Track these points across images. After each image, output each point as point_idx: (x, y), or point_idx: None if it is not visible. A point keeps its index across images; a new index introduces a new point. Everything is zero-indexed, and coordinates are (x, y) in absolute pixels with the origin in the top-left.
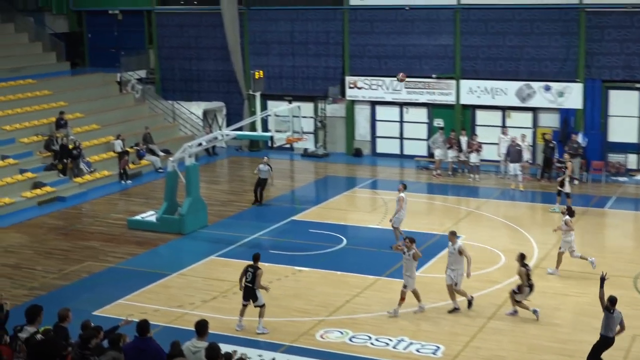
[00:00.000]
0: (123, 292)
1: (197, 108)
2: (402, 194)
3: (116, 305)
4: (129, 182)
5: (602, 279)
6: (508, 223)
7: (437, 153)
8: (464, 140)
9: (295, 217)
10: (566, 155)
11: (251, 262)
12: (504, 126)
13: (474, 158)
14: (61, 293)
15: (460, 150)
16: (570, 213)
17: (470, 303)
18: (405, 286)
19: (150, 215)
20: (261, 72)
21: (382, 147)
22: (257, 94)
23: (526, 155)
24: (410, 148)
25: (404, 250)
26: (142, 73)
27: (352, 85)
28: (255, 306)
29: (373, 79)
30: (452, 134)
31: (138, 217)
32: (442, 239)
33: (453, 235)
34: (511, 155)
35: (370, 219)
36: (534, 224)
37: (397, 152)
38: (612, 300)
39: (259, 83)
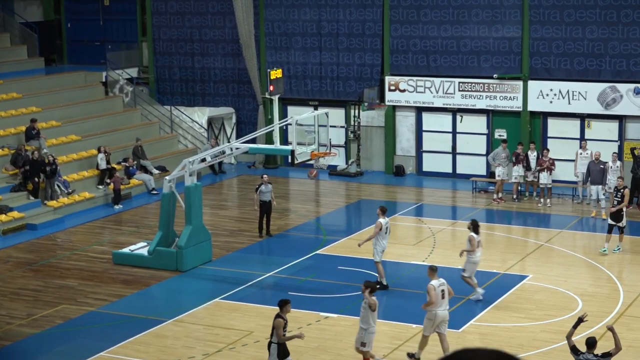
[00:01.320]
0: (106, 343)
1: (200, 115)
2: (380, 220)
3: (98, 359)
4: (119, 206)
5: (580, 320)
6: (587, 260)
7: (499, 172)
8: (532, 156)
9: (320, 251)
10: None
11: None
12: (582, 139)
13: (544, 178)
14: (29, 344)
15: (528, 168)
16: (475, 229)
17: None
18: (363, 344)
19: (141, 248)
20: (280, 70)
21: (430, 164)
22: (275, 98)
23: (612, 177)
24: (466, 166)
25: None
26: (133, 72)
27: (393, 88)
28: None
29: (419, 80)
30: (519, 148)
31: (126, 250)
32: (505, 279)
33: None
34: (592, 176)
35: (414, 254)
36: (620, 261)
37: (449, 170)
38: (589, 343)
39: (277, 84)
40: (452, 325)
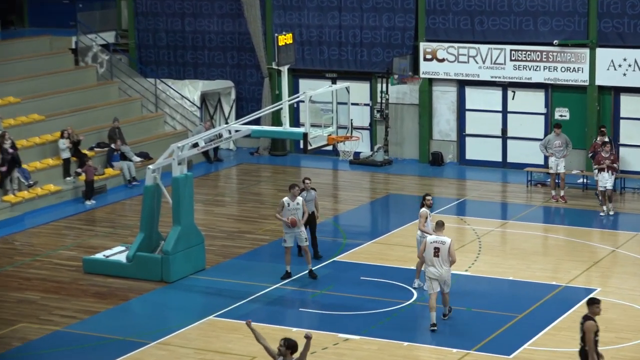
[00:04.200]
0: None
1: (192, 90)
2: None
3: None
4: (91, 202)
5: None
6: None
7: (552, 164)
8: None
9: (339, 258)
10: None
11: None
12: None
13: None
14: None
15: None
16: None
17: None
18: None
19: (118, 253)
20: (290, 35)
21: (475, 151)
22: (284, 69)
23: None
24: (519, 153)
25: None
26: (110, 37)
27: (429, 56)
28: None
29: (461, 47)
30: (600, 138)
31: (99, 256)
32: (567, 293)
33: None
34: None
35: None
36: None
37: (498, 158)
38: None
39: (286, 52)
40: (501, 350)
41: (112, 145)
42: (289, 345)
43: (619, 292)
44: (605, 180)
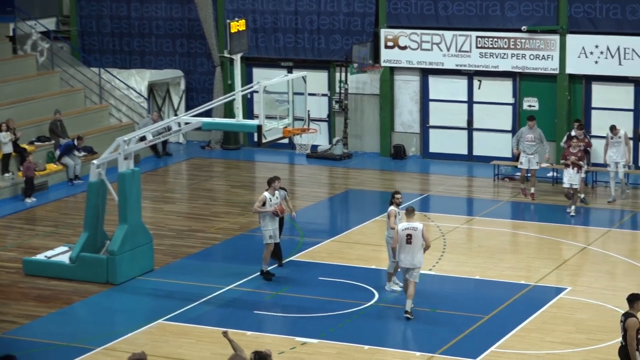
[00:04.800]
0: None
1: (138, 80)
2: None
3: None
4: (31, 200)
5: None
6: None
7: (523, 160)
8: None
9: (296, 257)
10: None
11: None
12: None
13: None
14: None
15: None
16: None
17: None
18: None
19: (60, 254)
20: (243, 21)
21: (439, 143)
22: (237, 58)
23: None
24: (485, 145)
25: None
26: (50, 23)
27: (390, 44)
28: None
29: (425, 33)
30: (576, 130)
31: (41, 257)
32: (536, 292)
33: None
34: None
35: None
36: None
37: (464, 151)
38: None
39: (239, 40)
40: (467, 353)
41: (40, 143)
42: (260, 357)
43: (591, 291)
44: (571, 177)
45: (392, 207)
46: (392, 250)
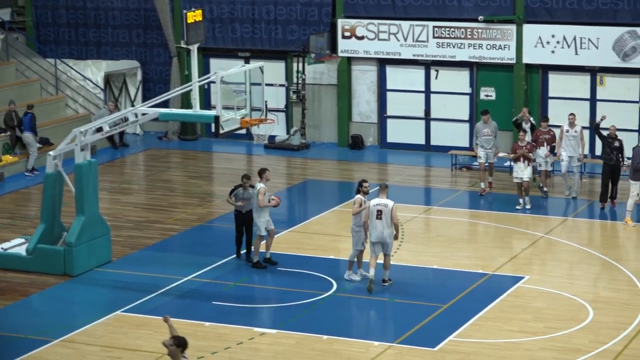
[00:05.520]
0: None
1: (95, 71)
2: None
3: None
4: None
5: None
6: (600, 256)
7: (481, 154)
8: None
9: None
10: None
11: None
12: (593, 99)
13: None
14: None
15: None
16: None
17: None
18: None
19: (17, 246)
20: (199, 12)
21: (397, 133)
22: (194, 48)
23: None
24: (443, 135)
25: None
26: (5, 14)
27: (347, 34)
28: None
29: (382, 23)
30: (525, 115)
31: None
32: (494, 282)
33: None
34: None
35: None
36: None
37: (421, 141)
38: None
39: (196, 30)
40: (425, 342)
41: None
42: (179, 342)
43: (548, 279)
44: (521, 171)
45: (358, 196)
46: (357, 236)
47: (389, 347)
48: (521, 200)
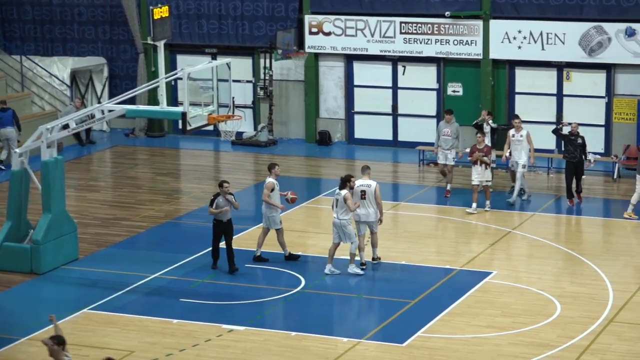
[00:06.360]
0: None
1: (61, 68)
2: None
3: None
4: None
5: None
6: (567, 251)
7: (441, 156)
8: (487, 129)
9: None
10: None
11: None
12: (561, 94)
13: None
14: None
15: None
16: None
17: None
18: None
19: None
20: (166, 8)
21: (364, 129)
22: (160, 45)
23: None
24: (410, 131)
25: None
26: None
27: (315, 30)
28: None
29: (349, 19)
30: (485, 116)
31: None
32: (462, 277)
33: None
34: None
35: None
36: (608, 251)
37: (389, 137)
38: None
39: (162, 26)
40: (394, 338)
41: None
42: (59, 341)
43: (516, 274)
44: (478, 174)
45: (346, 191)
46: (350, 229)
47: (357, 343)
48: (474, 205)
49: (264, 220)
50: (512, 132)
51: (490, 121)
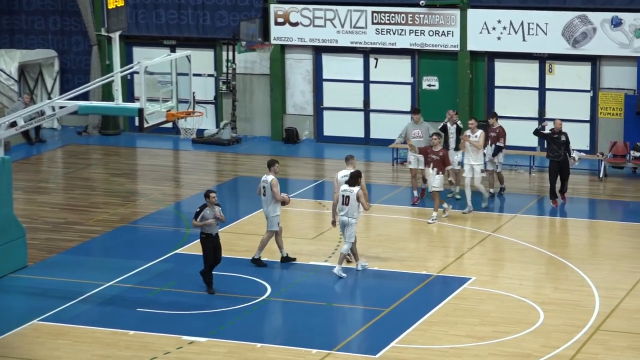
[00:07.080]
0: None
1: (8, 61)
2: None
3: None
4: None
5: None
6: (550, 255)
7: (411, 159)
8: (452, 129)
9: (182, 250)
10: None
11: None
12: (543, 88)
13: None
14: None
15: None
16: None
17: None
18: None
19: None
20: None
21: (334, 126)
22: (115, 36)
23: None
24: (383, 128)
25: None
26: None
27: (280, 20)
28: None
29: (317, 9)
30: (452, 114)
31: None
32: (438, 283)
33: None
34: None
35: (312, 251)
36: (592, 254)
37: (360, 134)
38: None
39: (117, 17)
40: (366, 349)
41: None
42: None
43: (495, 280)
44: (429, 177)
45: (357, 188)
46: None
47: (327, 354)
48: (434, 213)
49: (269, 223)
50: (467, 132)
51: (457, 121)
